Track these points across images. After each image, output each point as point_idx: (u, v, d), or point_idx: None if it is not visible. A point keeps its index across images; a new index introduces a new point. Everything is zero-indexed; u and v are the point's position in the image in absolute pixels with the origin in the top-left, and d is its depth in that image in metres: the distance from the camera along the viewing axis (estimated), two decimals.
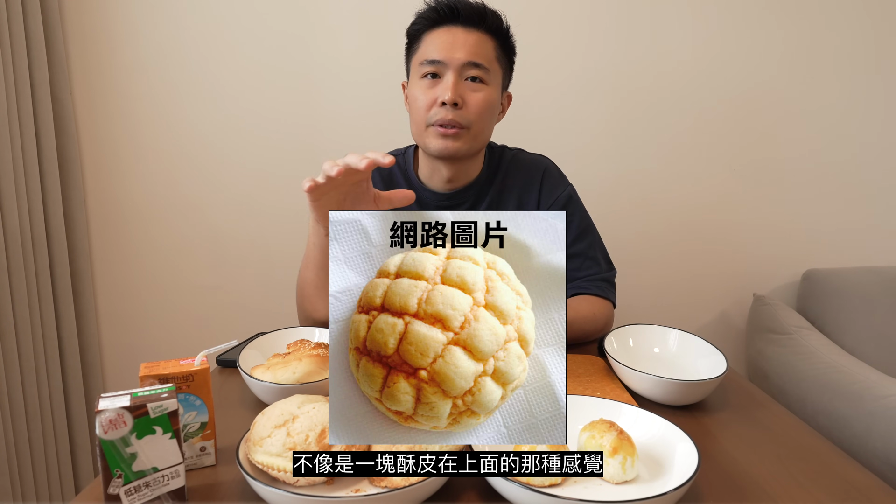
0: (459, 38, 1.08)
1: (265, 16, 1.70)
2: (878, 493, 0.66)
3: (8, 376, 1.51)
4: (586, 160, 1.79)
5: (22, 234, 1.54)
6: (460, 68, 1.07)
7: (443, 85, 1.07)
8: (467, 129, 1.09)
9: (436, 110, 1.07)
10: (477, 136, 1.11)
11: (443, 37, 1.08)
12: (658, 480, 0.65)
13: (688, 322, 1.88)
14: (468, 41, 1.08)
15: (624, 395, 0.87)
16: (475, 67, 1.08)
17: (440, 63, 1.07)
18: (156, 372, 0.67)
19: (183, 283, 1.83)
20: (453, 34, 1.08)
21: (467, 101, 1.07)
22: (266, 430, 0.64)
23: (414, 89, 1.11)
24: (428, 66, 1.08)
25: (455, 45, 1.07)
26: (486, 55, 1.09)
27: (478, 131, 1.11)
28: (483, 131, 1.12)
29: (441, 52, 1.07)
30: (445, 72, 1.08)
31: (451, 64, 1.07)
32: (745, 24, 1.75)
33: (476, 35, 1.08)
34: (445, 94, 1.05)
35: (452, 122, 1.07)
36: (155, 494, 0.61)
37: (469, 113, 1.08)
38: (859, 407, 1.25)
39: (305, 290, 1.07)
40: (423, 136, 1.11)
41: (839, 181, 1.84)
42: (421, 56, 1.10)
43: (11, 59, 1.52)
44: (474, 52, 1.07)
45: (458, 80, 1.07)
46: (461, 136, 1.09)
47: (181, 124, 1.75)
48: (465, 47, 1.07)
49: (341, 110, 1.75)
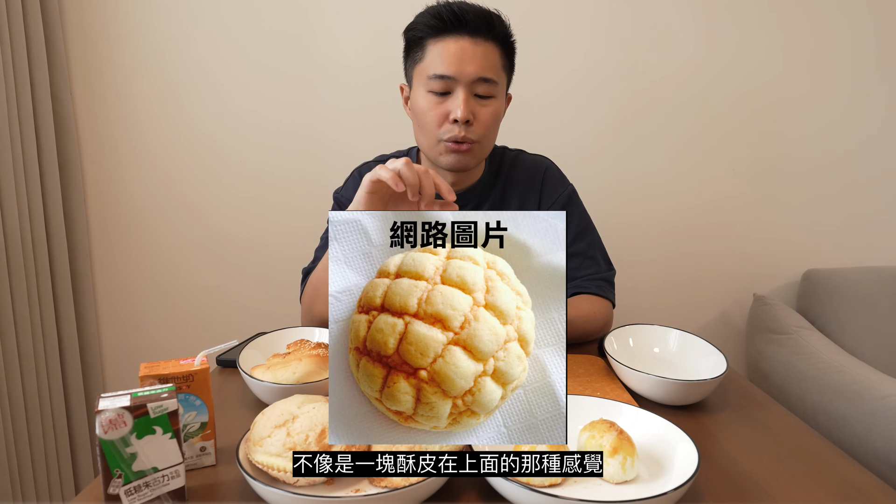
0: (468, 52, 1.04)
1: (265, 16, 1.70)
2: (878, 493, 0.66)
3: (8, 376, 1.51)
4: (588, 160, 1.79)
5: (22, 234, 1.54)
6: (470, 84, 1.05)
7: (453, 102, 1.05)
8: (478, 143, 1.09)
9: (448, 127, 1.06)
10: (485, 147, 1.12)
11: (450, 49, 1.04)
12: (658, 480, 0.65)
13: (688, 322, 1.88)
14: (476, 54, 1.04)
15: (624, 395, 0.87)
16: (485, 83, 1.06)
17: (450, 79, 1.05)
18: (156, 372, 0.67)
19: (183, 283, 1.83)
20: (461, 46, 1.04)
21: (478, 116, 1.06)
22: (266, 430, 0.64)
23: (421, 101, 1.09)
24: (437, 81, 1.05)
25: (464, 60, 1.04)
26: (494, 67, 1.07)
27: (486, 143, 1.11)
28: (491, 142, 1.13)
29: (450, 68, 1.04)
30: (455, 87, 1.05)
31: (462, 80, 1.04)
32: (744, 26, 1.75)
33: (484, 46, 1.05)
34: (457, 112, 1.04)
35: (465, 139, 1.06)
36: (155, 494, 0.61)
37: (479, 128, 1.07)
38: (859, 407, 1.25)
39: (322, 289, 1.05)
40: (434, 150, 1.10)
41: (839, 181, 1.84)
42: (428, 68, 1.06)
43: (11, 59, 1.52)
44: (483, 65, 1.05)
45: (468, 96, 1.05)
46: (472, 150, 1.09)
47: (181, 124, 1.75)
48: (475, 61, 1.04)
49: (341, 111, 1.75)
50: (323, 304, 1.05)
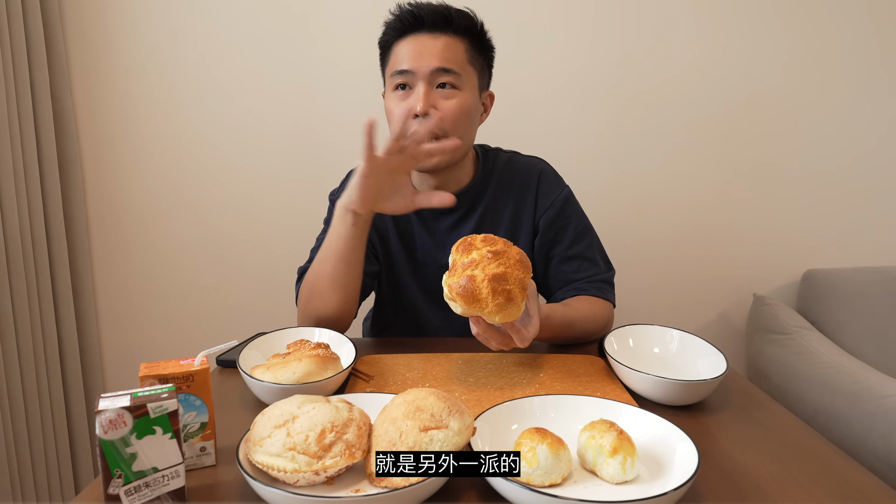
0: (426, 46, 1.06)
1: (265, 17, 1.70)
2: (877, 493, 0.65)
3: (8, 376, 1.51)
4: (587, 162, 1.79)
5: (22, 234, 1.54)
6: (429, 76, 1.05)
7: (414, 95, 1.06)
8: (446, 138, 1.06)
9: (410, 123, 1.04)
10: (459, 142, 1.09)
11: (410, 45, 1.07)
12: (658, 480, 0.65)
13: (688, 322, 1.88)
14: (435, 47, 1.05)
15: (624, 395, 0.87)
16: (445, 73, 1.06)
17: (409, 73, 1.06)
18: (156, 372, 0.67)
19: (183, 284, 1.83)
20: (420, 42, 1.06)
21: (440, 108, 1.06)
22: (266, 430, 0.64)
23: (388, 101, 1.10)
24: (398, 76, 1.07)
25: (422, 54, 1.05)
26: (456, 59, 1.07)
27: (460, 139, 1.06)
28: (463, 137, 1.08)
29: (409, 62, 1.05)
30: (416, 82, 1.06)
31: (420, 72, 1.05)
32: (744, 28, 1.75)
33: (444, 40, 1.06)
34: (417, 105, 1.04)
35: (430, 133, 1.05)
36: (155, 494, 0.61)
37: (445, 121, 1.06)
38: (859, 407, 1.25)
39: (318, 284, 1.05)
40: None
41: (839, 182, 1.84)
42: (391, 67, 1.09)
43: (11, 59, 1.52)
44: (442, 57, 1.05)
45: (428, 88, 1.05)
46: None
47: (181, 125, 1.75)
48: (434, 54, 1.05)
49: (340, 111, 1.75)
50: (319, 302, 1.05)
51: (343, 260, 1.02)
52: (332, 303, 1.04)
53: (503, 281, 0.79)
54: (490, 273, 0.79)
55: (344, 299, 1.05)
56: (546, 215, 1.19)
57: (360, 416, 0.67)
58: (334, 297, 1.04)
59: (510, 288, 0.80)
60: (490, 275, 0.79)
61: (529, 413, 0.76)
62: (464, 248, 0.84)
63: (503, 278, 0.79)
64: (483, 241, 0.84)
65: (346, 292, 1.05)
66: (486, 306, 0.79)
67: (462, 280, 0.80)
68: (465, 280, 0.79)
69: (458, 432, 0.64)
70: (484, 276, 0.79)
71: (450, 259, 0.85)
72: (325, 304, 1.05)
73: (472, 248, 0.83)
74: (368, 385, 0.91)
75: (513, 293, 0.80)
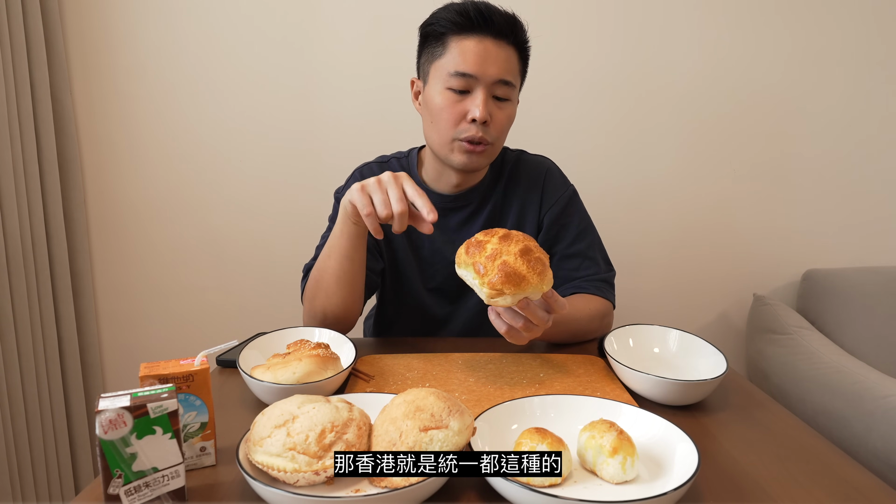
0: (492, 53, 1.04)
1: (265, 17, 1.70)
2: (877, 494, 0.65)
3: (8, 376, 1.51)
4: (591, 162, 1.79)
5: (22, 235, 1.54)
6: (490, 85, 1.05)
7: (472, 101, 1.05)
8: (492, 145, 1.09)
9: (465, 126, 1.06)
10: (497, 149, 1.13)
11: (475, 49, 1.03)
12: (658, 480, 0.65)
13: (688, 322, 1.88)
14: (500, 56, 1.04)
15: (624, 395, 0.87)
16: (504, 85, 1.06)
17: (472, 77, 1.04)
18: (156, 372, 0.67)
19: (183, 284, 1.83)
20: (485, 47, 1.04)
21: (494, 118, 1.07)
22: (266, 430, 0.64)
23: (438, 98, 1.08)
24: (458, 78, 1.04)
25: (488, 60, 1.04)
26: (513, 71, 1.07)
27: (499, 146, 1.12)
28: (502, 145, 1.14)
29: (474, 67, 1.03)
30: (475, 87, 1.05)
31: (483, 80, 1.04)
32: (746, 29, 1.75)
33: (506, 50, 1.06)
34: (476, 112, 1.04)
35: (482, 139, 1.06)
36: (155, 494, 0.61)
37: (495, 130, 1.07)
38: (859, 407, 1.25)
39: (323, 280, 1.05)
40: (447, 148, 1.09)
41: (839, 181, 1.84)
42: (449, 65, 1.05)
43: (11, 59, 1.52)
44: (505, 68, 1.05)
45: (487, 97, 1.05)
46: (486, 152, 1.09)
47: (181, 125, 1.75)
48: (497, 63, 1.04)
49: (341, 112, 1.75)
50: (325, 298, 1.05)
51: (347, 257, 1.02)
52: (338, 299, 1.04)
53: (530, 252, 0.82)
54: (516, 251, 0.82)
55: (349, 296, 1.05)
56: (550, 212, 1.20)
57: (360, 416, 0.67)
58: (339, 293, 1.04)
59: (539, 255, 0.83)
60: (517, 252, 0.81)
61: (529, 413, 0.76)
62: (475, 247, 0.85)
63: (529, 250, 0.82)
64: (486, 235, 0.86)
65: (351, 289, 1.05)
66: (532, 280, 0.81)
67: (499, 271, 0.80)
68: (502, 267, 0.80)
69: (458, 432, 0.64)
70: (514, 256, 0.81)
71: (464, 268, 0.86)
72: (330, 301, 1.05)
73: (484, 244, 0.84)
74: (368, 385, 0.91)
75: (543, 259, 0.83)
